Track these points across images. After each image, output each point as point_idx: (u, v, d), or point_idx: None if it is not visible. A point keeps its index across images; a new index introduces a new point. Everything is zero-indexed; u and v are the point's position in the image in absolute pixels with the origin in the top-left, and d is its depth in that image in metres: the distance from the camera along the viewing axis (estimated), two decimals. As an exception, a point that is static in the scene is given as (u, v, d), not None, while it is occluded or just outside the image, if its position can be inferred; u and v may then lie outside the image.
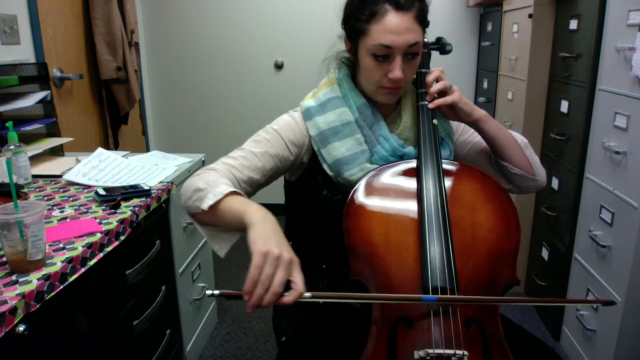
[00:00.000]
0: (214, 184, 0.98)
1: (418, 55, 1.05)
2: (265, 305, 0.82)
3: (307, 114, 1.12)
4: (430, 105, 1.09)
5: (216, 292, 0.84)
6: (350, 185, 1.04)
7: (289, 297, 0.82)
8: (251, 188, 1.08)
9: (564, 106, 1.97)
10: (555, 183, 2.07)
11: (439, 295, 0.89)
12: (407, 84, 1.09)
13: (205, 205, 0.95)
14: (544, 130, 2.21)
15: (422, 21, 1.04)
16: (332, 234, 1.05)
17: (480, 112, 1.12)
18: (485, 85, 2.92)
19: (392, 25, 0.99)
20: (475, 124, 1.13)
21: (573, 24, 1.90)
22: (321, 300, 0.87)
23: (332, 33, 1.16)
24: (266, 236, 0.86)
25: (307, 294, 0.84)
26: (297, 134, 1.11)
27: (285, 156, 1.10)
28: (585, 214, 1.83)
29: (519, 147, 1.15)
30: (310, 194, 1.12)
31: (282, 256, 0.83)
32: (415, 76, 1.14)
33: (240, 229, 0.94)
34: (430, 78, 1.09)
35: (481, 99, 2.96)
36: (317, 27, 3.03)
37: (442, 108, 1.10)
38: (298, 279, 0.84)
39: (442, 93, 1.09)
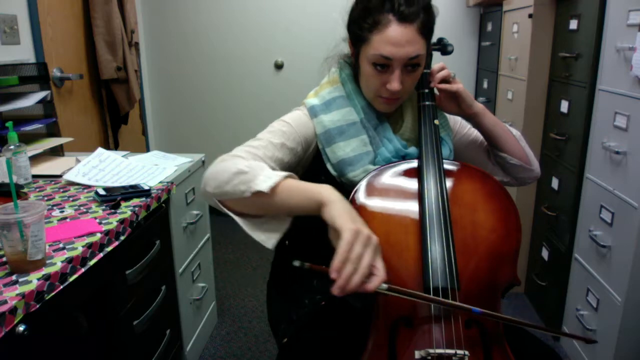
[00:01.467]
0: (259, 167, 0.94)
1: (419, 66, 1.04)
2: (351, 289, 0.78)
3: (313, 112, 1.11)
4: (440, 86, 1.09)
5: (306, 264, 0.82)
6: (353, 185, 1.04)
7: (371, 284, 0.80)
8: None
9: (564, 106, 1.97)
10: (555, 183, 2.07)
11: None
12: (405, 94, 1.08)
13: (264, 186, 0.89)
14: (544, 130, 2.21)
15: (426, 33, 1.03)
16: None
17: (479, 105, 1.14)
18: (485, 85, 2.92)
19: (394, 37, 0.98)
20: (474, 117, 1.15)
21: (573, 24, 1.89)
22: (391, 294, 0.83)
23: (332, 33, 1.16)
24: (352, 214, 0.85)
25: (384, 285, 0.81)
26: (308, 130, 1.10)
27: (298, 151, 1.09)
28: (585, 214, 1.83)
29: (515, 138, 1.18)
30: None
31: (372, 237, 0.82)
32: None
33: (300, 211, 0.91)
34: (435, 68, 1.11)
35: (481, 99, 2.96)
36: (317, 27, 3.03)
37: (444, 100, 1.11)
38: (380, 265, 0.82)
39: (445, 82, 1.11)
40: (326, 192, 0.88)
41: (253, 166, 0.94)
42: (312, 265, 0.82)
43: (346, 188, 1.07)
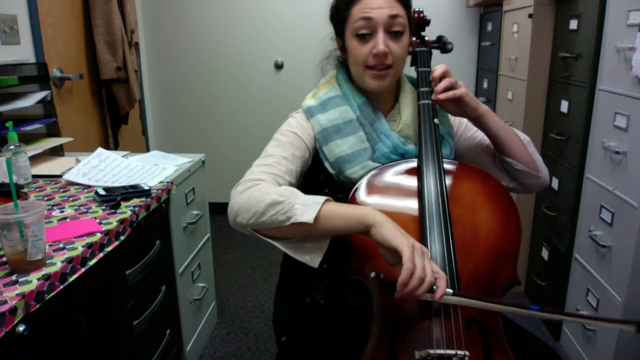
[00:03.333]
0: (292, 194, 0.93)
1: (403, 33, 1.06)
2: (417, 296, 0.83)
3: (309, 113, 1.12)
4: (440, 97, 1.07)
5: (381, 275, 0.87)
6: (352, 183, 1.04)
7: (440, 289, 0.83)
8: None
9: (564, 106, 1.97)
10: (555, 183, 2.07)
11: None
12: (395, 64, 1.07)
13: (307, 217, 0.90)
14: (544, 130, 2.21)
15: (404, 1, 1.07)
16: None
17: (484, 107, 1.12)
18: (485, 85, 2.92)
19: (372, 2, 1.03)
20: (479, 119, 1.12)
21: (573, 24, 1.90)
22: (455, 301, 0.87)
23: (331, 33, 1.17)
24: (401, 231, 0.87)
25: (449, 290, 0.85)
26: (310, 134, 1.11)
27: (306, 157, 1.10)
28: (585, 214, 1.83)
29: (521, 143, 1.15)
30: (311, 192, 1.11)
31: (425, 249, 0.86)
32: (417, 75, 1.15)
33: (344, 233, 0.94)
34: (436, 74, 1.09)
35: (481, 99, 2.96)
36: (317, 27, 3.00)
37: (447, 103, 1.10)
38: (438, 269, 0.86)
39: (448, 88, 1.09)
40: (372, 215, 0.90)
41: (285, 194, 0.93)
42: (385, 277, 0.87)
43: (344, 186, 1.07)
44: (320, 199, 0.93)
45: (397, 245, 0.84)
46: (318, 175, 1.11)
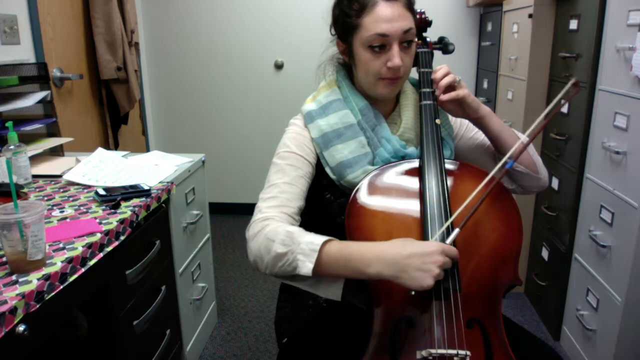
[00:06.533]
0: (294, 243, 0.92)
1: (413, 42, 1.06)
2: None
3: (309, 118, 1.11)
4: (443, 97, 1.07)
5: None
6: (354, 188, 1.04)
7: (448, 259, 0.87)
8: (299, 216, 1.05)
9: (564, 106, 1.97)
10: (555, 183, 2.07)
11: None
12: (406, 74, 1.08)
13: (306, 270, 0.89)
14: (544, 131, 2.21)
15: (411, 9, 1.06)
16: (335, 237, 1.04)
17: (485, 109, 1.12)
18: (485, 85, 2.93)
19: (385, 15, 1.01)
20: (480, 121, 1.12)
21: (573, 24, 1.90)
22: None
23: (330, 35, 1.17)
24: (394, 260, 0.86)
25: (450, 237, 0.91)
26: (307, 145, 1.10)
27: (310, 171, 1.09)
28: (585, 214, 1.83)
29: (522, 145, 1.14)
30: (313, 197, 1.11)
31: (420, 251, 0.86)
32: (418, 75, 1.14)
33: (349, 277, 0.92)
34: (439, 74, 1.08)
35: (481, 99, 2.96)
36: (317, 27, 3.01)
37: (448, 104, 1.09)
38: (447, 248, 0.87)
39: (450, 88, 1.08)
40: (373, 268, 0.87)
41: (287, 242, 0.92)
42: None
43: (347, 191, 1.07)
44: (319, 241, 0.90)
45: (419, 280, 0.85)
46: (320, 180, 1.11)
